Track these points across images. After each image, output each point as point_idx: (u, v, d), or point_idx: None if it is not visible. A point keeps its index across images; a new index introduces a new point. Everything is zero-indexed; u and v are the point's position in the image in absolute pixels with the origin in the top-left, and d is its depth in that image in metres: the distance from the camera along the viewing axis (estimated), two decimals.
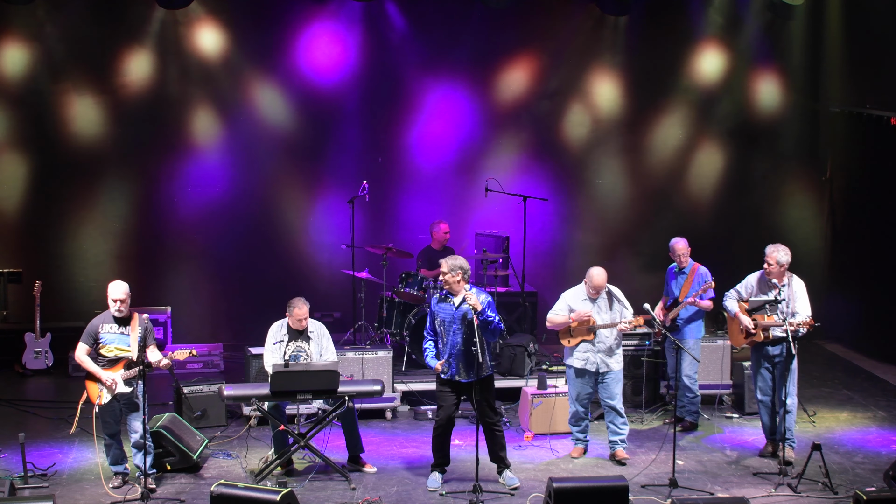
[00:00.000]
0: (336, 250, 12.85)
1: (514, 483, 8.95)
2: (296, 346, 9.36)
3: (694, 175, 14.25)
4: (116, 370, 8.75)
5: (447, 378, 8.91)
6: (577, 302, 9.60)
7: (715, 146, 14.26)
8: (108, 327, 8.80)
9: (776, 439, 9.58)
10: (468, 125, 13.92)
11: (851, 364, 13.14)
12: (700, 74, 14.06)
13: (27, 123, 13.18)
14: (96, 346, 8.79)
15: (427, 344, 9.05)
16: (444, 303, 8.93)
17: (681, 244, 10.47)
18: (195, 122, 13.51)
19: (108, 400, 8.74)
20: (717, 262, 10.89)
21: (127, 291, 8.79)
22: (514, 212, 12.74)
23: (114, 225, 13.40)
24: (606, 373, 9.54)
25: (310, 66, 13.56)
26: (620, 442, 9.64)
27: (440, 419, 9.02)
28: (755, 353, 9.60)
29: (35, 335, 12.40)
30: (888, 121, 12.52)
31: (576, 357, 9.59)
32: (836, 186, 14.16)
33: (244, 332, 12.68)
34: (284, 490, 7.77)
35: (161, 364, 8.79)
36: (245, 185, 13.61)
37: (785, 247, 9.36)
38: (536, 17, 13.79)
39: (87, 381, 8.85)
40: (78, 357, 8.89)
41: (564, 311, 9.61)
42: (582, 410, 9.68)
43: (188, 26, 13.27)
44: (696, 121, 14.15)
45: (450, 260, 8.93)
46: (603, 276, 9.49)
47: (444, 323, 8.91)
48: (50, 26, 12.98)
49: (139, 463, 8.75)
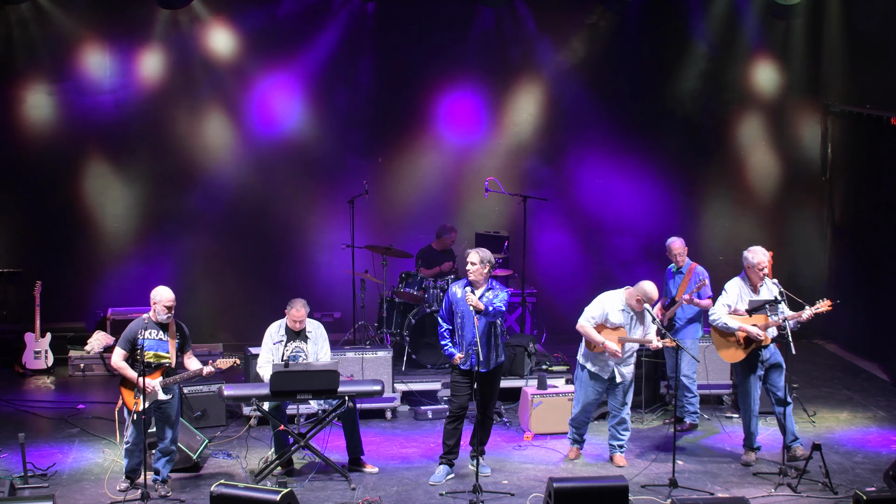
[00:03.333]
0: (336, 250, 12.85)
1: (487, 471, 9.09)
2: (294, 347, 9.36)
3: (691, 175, 14.23)
4: (155, 377, 8.63)
5: (466, 368, 8.94)
6: (616, 311, 9.33)
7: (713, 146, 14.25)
8: (148, 333, 8.64)
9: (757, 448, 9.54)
10: (469, 125, 13.93)
11: (851, 364, 13.14)
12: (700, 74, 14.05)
13: (27, 123, 13.18)
14: (134, 352, 8.62)
15: (444, 331, 9.07)
16: (463, 295, 8.87)
17: (677, 244, 10.47)
18: (195, 121, 13.50)
19: (146, 407, 8.58)
20: (718, 262, 10.87)
21: (174, 297, 8.68)
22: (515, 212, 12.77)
23: (114, 225, 13.39)
24: (620, 382, 9.47)
25: (310, 65, 13.56)
26: (619, 448, 9.61)
27: (455, 408, 9.07)
28: (747, 362, 9.31)
29: (35, 335, 12.40)
30: (888, 121, 12.51)
31: (593, 363, 9.43)
32: (836, 186, 14.15)
33: (244, 332, 12.67)
34: (284, 490, 7.76)
35: (204, 372, 8.73)
36: (245, 185, 13.59)
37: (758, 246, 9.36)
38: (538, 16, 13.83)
39: (123, 388, 8.73)
40: (115, 363, 8.73)
41: (601, 318, 9.31)
42: (586, 415, 9.64)
43: (190, 26, 13.27)
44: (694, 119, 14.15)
45: (480, 251, 8.95)
46: (655, 291, 9.18)
47: (462, 314, 8.93)
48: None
49: (160, 467, 8.73)
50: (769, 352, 9.30)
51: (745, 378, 9.42)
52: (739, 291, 9.33)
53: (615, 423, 9.58)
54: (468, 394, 9.03)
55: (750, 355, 9.31)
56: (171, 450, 8.76)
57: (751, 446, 9.55)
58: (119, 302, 12.83)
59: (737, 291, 9.33)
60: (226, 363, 8.83)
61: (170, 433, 8.72)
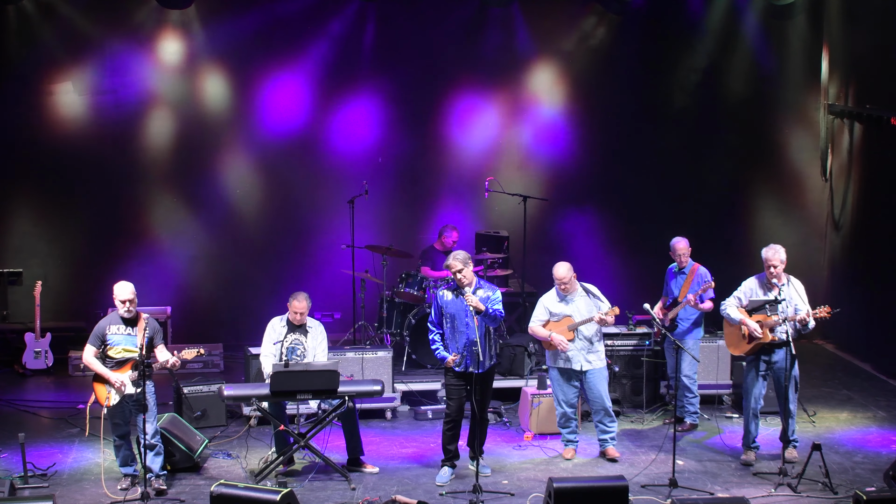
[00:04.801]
0: (336, 250, 12.85)
1: (487, 472, 9.09)
2: (293, 339, 9.36)
3: (693, 175, 14.23)
4: (124, 371, 8.69)
5: (461, 371, 8.93)
6: (554, 303, 9.57)
7: (714, 146, 14.25)
8: (115, 328, 8.76)
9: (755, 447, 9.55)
10: (468, 124, 13.92)
11: (851, 364, 13.14)
12: (699, 74, 14.06)
13: (26, 123, 13.17)
14: (104, 348, 8.74)
15: (435, 336, 9.07)
16: (454, 298, 8.92)
17: (682, 244, 10.46)
18: (195, 121, 13.51)
19: (116, 401, 8.68)
20: (717, 263, 10.87)
21: (133, 291, 8.76)
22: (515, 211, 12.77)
23: (114, 225, 13.39)
24: (588, 371, 9.51)
25: (310, 65, 13.55)
26: (610, 440, 9.63)
27: (451, 411, 9.06)
28: (754, 360, 9.40)
29: (35, 335, 12.41)
30: (888, 121, 12.51)
31: (558, 357, 9.55)
32: (836, 186, 14.15)
33: (244, 332, 12.67)
34: (284, 490, 7.76)
35: (169, 363, 8.76)
36: (245, 185, 13.61)
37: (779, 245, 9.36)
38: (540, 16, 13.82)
39: (95, 383, 8.80)
40: (85, 359, 8.85)
41: (544, 316, 9.59)
42: (570, 411, 9.66)
43: (191, 26, 13.27)
44: (695, 120, 14.15)
45: (459, 254, 8.91)
46: (564, 270, 9.42)
47: (453, 317, 8.93)
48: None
49: (151, 464, 8.74)
50: (778, 356, 9.26)
51: (746, 375, 9.48)
52: (753, 287, 9.41)
53: (599, 416, 9.59)
54: (465, 396, 9.03)
55: (755, 354, 9.34)
56: (153, 444, 8.75)
57: (748, 445, 9.56)
58: None
59: (750, 286, 9.43)
60: (190, 353, 8.91)
61: (150, 427, 8.69)
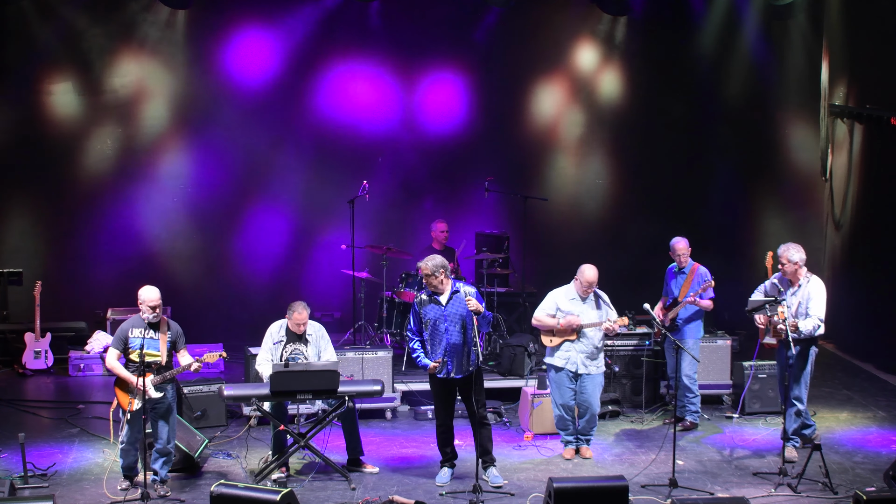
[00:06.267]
0: (336, 250, 12.86)
1: (499, 482, 8.91)
2: (293, 349, 9.34)
3: (693, 175, 14.24)
4: (147, 376, 8.62)
5: (442, 377, 8.92)
6: (566, 301, 9.52)
7: (714, 146, 14.26)
8: (137, 331, 8.68)
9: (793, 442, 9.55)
10: (468, 124, 13.93)
11: (851, 364, 13.14)
12: (699, 74, 14.06)
13: (26, 123, 13.18)
14: (126, 352, 8.67)
15: (415, 345, 9.00)
16: (430, 304, 8.90)
17: (681, 244, 10.46)
18: (195, 121, 13.51)
19: (139, 406, 8.58)
20: (717, 263, 10.88)
21: (160, 296, 8.72)
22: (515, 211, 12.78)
23: (113, 225, 13.39)
24: (585, 375, 9.50)
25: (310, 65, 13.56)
26: (586, 441, 9.69)
27: (440, 417, 9.05)
28: (778, 355, 9.60)
29: (35, 335, 12.41)
30: (888, 121, 12.52)
31: (557, 356, 9.53)
32: (836, 186, 14.16)
33: (244, 333, 12.66)
34: (284, 490, 7.76)
35: (192, 367, 8.73)
36: (245, 185, 13.62)
37: (796, 244, 9.35)
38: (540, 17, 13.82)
39: (117, 388, 8.74)
40: (109, 363, 8.79)
41: (552, 310, 9.54)
42: (568, 412, 9.66)
43: (191, 25, 13.27)
44: (696, 121, 14.15)
45: (429, 262, 8.86)
46: (595, 274, 9.41)
47: (432, 323, 8.87)
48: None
49: (158, 467, 8.72)
50: (791, 353, 9.25)
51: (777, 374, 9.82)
52: (766, 285, 9.57)
53: (585, 418, 9.61)
54: (451, 400, 9.00)
55: (777, 352, 9.51)
56: (168, 450, 8.74)
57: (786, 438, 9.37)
58: (119, 302, 12.81)
59: (765, 284, 9.60)
60: (212, 357, 8.86)
61: (165, 433, 8.70)
